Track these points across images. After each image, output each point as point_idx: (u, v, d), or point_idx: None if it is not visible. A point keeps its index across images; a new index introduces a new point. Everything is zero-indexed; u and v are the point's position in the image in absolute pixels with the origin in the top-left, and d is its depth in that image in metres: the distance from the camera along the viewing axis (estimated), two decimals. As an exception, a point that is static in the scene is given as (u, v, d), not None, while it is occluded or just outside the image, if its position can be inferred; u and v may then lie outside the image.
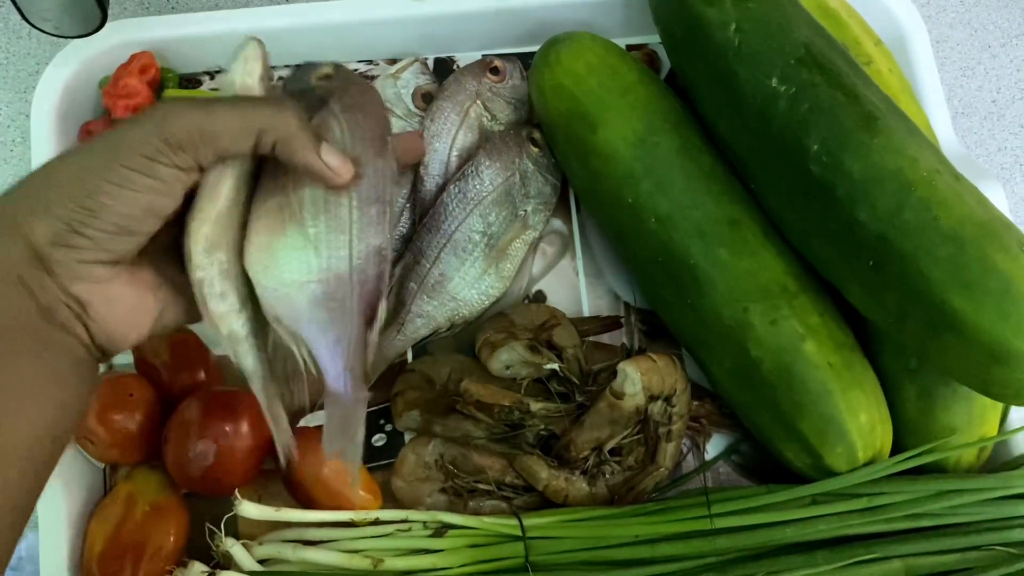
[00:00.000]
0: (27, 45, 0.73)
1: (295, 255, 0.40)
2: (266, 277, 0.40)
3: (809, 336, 0.52)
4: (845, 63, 0.53)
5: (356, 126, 0.42)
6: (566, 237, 0.65)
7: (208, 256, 0.39)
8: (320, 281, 0.41)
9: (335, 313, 0.41)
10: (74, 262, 0.36)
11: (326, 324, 0.41)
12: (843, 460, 0.52)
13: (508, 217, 0.61)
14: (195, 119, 0.37)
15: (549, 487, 0.56)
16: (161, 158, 0.36)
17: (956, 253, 0.47)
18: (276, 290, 0.40)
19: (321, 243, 0.40)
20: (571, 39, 0.60)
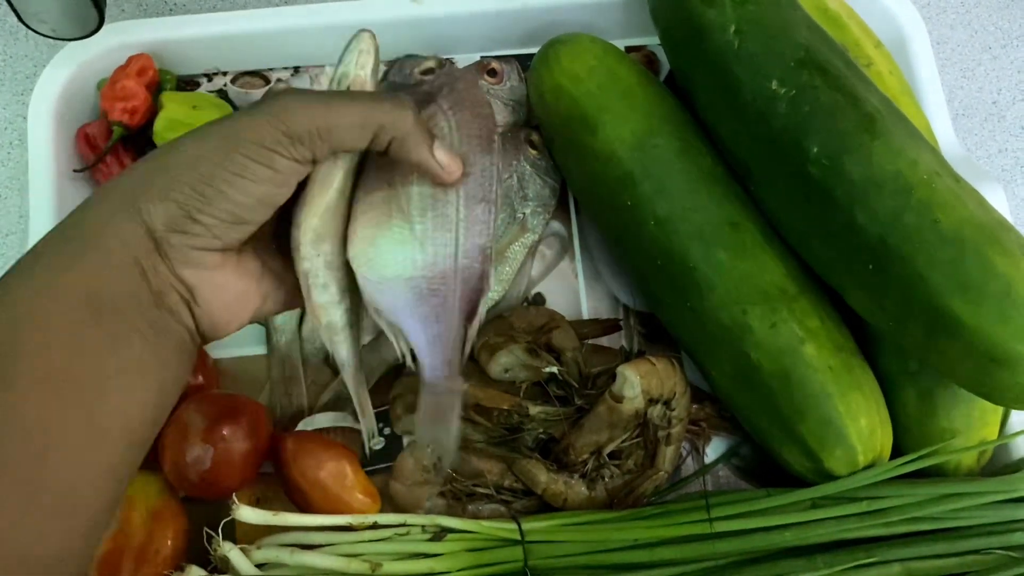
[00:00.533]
0: (24, 47, 0.73)
1: (400, 250, 0.41)
2: (370, 270, 0.41)
3: (809, 339, 0.52)
4: (845, 65, 0.53)
5: (464, 123, 0.42)
6: (565, 240, 0.65)
7: (315, 247, 0.40)
8: (424, 277, 0.41)
9: (437, 308, 0.41)
10: (187, 248, 0.37)
11: (428, 319, 0.41)
12: (843, 463, 0.52)
13: (506, 220, 0.61)
14: (316, 114, 0.37)
15: (548, 491, 0.56)
16: (280, 149, 0.37)
17: (956, 256, 0.47)
18: (379, 283, 0.41)
19: (427, 239, 0.41)
20: (570, 41, 0.60)
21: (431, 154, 0.40)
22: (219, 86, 0.68)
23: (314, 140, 0.37)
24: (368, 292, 0.41)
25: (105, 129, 0.62)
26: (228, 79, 0.68)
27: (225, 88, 0.67)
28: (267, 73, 0.68)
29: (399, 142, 0.39)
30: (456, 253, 0.41)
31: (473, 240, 0.41)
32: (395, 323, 0.42)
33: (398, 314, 0.41)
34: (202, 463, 0.53)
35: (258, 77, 0.68)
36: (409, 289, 0.41)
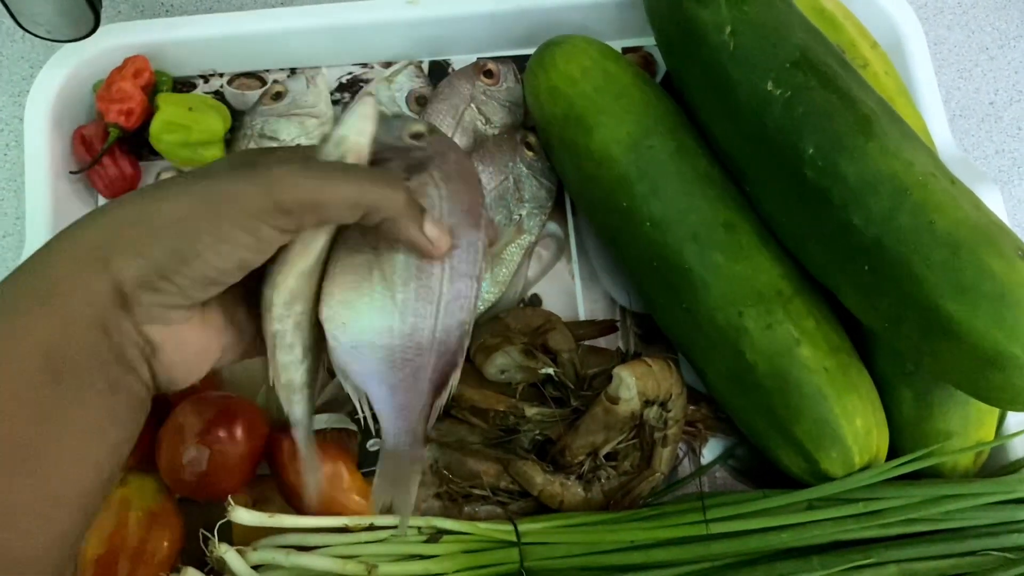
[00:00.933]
0: (20, 48, 0.73)
1: (378, 317, 0.40)
2: (344, 333, 0.40)
3: (804, 340, 0.52)
4: (840, 66, 0.53)
5: (454, 196, 0.41)
6: (561, 241, 0.65)
7: (287, 308, 0.39)
8: (399, 347, 0.40)
9: (408, 379, 0.41)
10: (155, 306, 0.36)
11: (397, 388, 0.41)
12: (839, 465, 0.52)
13: (503, 221, 0.61)
14: (309, 188, 0.36)
15: (544, 492, 0.55)
16: (268, 219, 0.35)
17: (951, 258, 0.47)
18: (351, 348, 0.40)
19: (408, 309, 0.40)
20: (566, 42, 0.60)
21: (421, 231, 0.39)
22: (215, 87, 0.67)
23: (303, 214, 0.36)
24: (338, 355, 0.40)
25: (101, 131, 0.62)
26: (224, 80, 0.68)
27: (221, 89, 0.67)
28: (263, 74, 0.68)
29: (391, 222, 0.38)
30: (435, 326, 0.41)
31: (454, 315, 0.41)
32: (361, 387, 0.41)
33: (367, 380, 0.41)
34: (198, 464, 0.53)
35: (254, 78, 0.68)
36: (382, 357, 0.40)
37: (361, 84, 0.68)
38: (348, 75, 0.68)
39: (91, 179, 0.63)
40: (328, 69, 0.68)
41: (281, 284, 0.39)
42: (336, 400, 0.59)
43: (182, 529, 0.55)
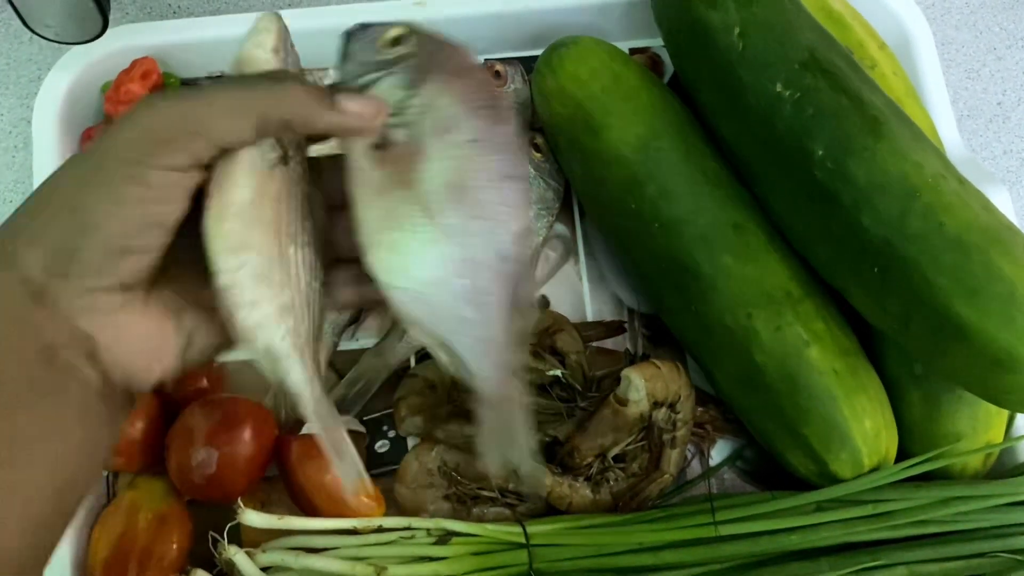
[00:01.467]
0: (29, 51, 0.73)
1: (432, 251, 0.35)
2: (400, 279, 0.36)
3: (813, 342, 0.52)
4: (849, 67, 0.53)
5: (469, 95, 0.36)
6: (569, 242, 0.65)
7: (234, 257, 0.34)
8: (463, 276, 0.36)
9: (482, 308, 0.36)
10: (75, 292, 0.32)
11: (473, 322, 0.36)
12: (848, 466, 0.52)
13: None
14: (180, 109, 0.32)
15: (552, 494, 0.55)
16: (148, 160, 0.31)
17: (961, 259, 0.46)
18: (413, 291, 0.36)
19: (458, 233, 0.35)
20: (574, 43, 0.60)
21: (336, 110, 0.33)
22: (223, 89, 0.67)
23: (186, 140, 0.32)
24: (402, 304, 0.36)
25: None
26: (232, 82, 0.67)
27: (229, 91, 0.67)
28: (271, 76, 0.68)
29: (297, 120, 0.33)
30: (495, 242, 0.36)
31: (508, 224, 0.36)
32: (437, 334, 0.37)
33: (440, 322, 0.36)
34: (207, 467, 0.53)
35: (262, 80, 0.68)
36: (448, 292, 0.36)
37: (368, 85, 0.68)
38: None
39: (99, 181, 0.63)
40: (335, 71, 0.68)
41: (212, 230, 0.34)
42: (344, 402, 0.59)
43: (191, 531, 0.55)
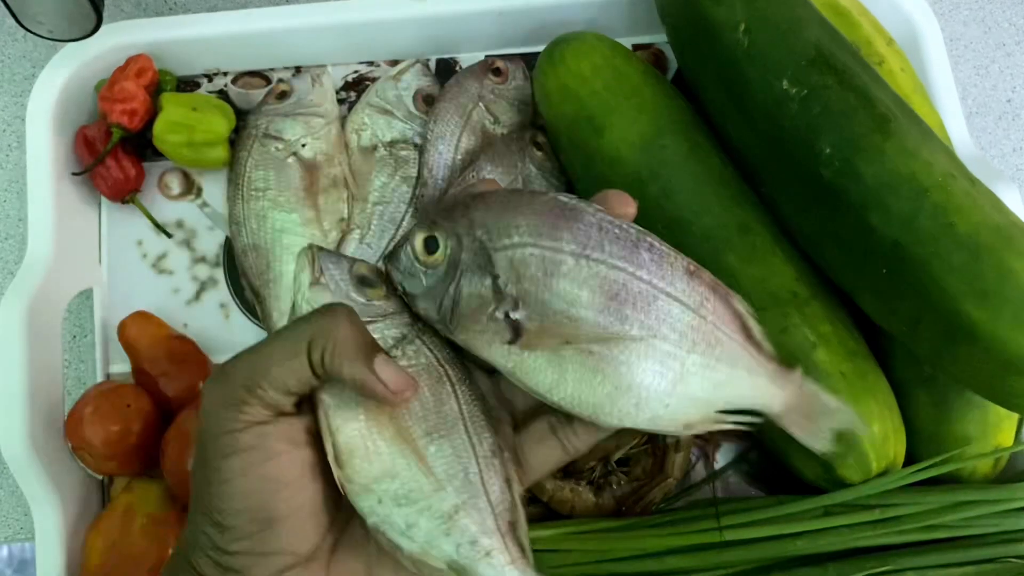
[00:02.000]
0: (22, 48, 0.72)
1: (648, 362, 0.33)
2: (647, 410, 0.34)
3: (820, 344, 0.51)
4: (857, 64, 0.52)
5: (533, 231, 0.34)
6: (571, 241, 0.64)
7: (370, 495, 0.33)
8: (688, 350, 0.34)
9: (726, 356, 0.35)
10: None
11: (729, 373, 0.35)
12: (855, 471, 0.51)
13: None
14: (242, 367, 0.32)
15: (555, 498, 0.55)
16: (229, 425, 0.32)
17: (972, 260, 0.46)
18: (668, 406, 0.34)
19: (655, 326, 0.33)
20: (576, 39, 0.59)
21: (369, 369, 0.32)
22: (220, 87, 0.67)
23: (253, 391, 0.32)
24: (667, 425, 0.34)
25: (104, 131, 0.62)
26: (229, 79, 0.67)
27: (226, 88, 0.66)
28: (268, 73, 0.67)
29: (331, 354, 0.32)
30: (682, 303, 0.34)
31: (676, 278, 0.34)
32: (711, 411, 0.35)
33: (708, 403, 0.35)
34: (203, 471, 0.52)
35: (259, 77, 0.67)
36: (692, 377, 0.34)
37: (367, 82, 0.67)
38: (354, 73, 0.67)
39: (94, 180, 0.63)
40: (334, 67, 0.67)
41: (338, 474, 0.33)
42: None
43: (187, 536, 0.54)
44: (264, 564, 0.32)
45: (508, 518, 0.34)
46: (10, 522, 0.63)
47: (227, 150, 0.63)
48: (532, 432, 0.36)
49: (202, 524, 0.32)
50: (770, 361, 0.36)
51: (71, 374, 0.64)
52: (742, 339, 0.35)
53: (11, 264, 0.67)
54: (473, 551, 0.33)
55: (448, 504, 0.33)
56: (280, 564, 0.32)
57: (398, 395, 0.32)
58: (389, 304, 0.36)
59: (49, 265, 0.58)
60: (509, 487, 0.34)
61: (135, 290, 0.63)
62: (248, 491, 0.31)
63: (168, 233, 0.64)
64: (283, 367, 0.32)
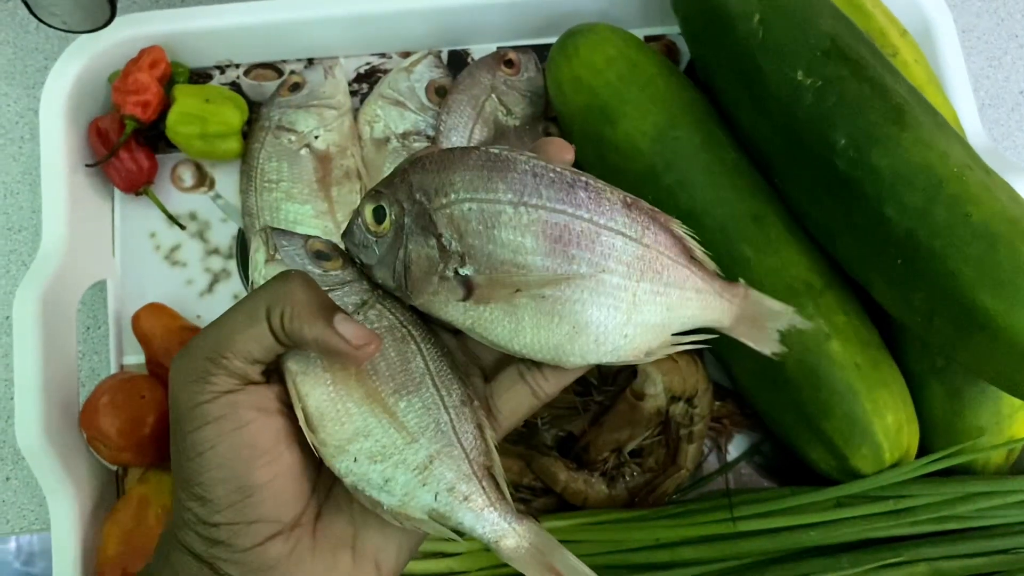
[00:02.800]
0: (35, 40, 0.72)
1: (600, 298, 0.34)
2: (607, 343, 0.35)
3: (834, 335, 0.51)
4: (872, 55, 0.52)
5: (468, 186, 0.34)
6: (583, 233, 0.64)
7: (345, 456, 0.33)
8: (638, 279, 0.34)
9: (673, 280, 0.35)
10: (238, 555, 0.32)
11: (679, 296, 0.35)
12: (869, 462, 0.51)
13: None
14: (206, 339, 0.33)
15: (568, 489, 0.55)
16: (198, 398, 0.32)
17: (987, 251, 0.45)
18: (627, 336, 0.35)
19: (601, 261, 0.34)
20: (589, 30, 0.59)
21: (329, 328, 0.32)
22: (232, 78, 0.67)
23: (217, 362, 0.32)
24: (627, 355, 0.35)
25: (117, 123, 0.62)
26: (241, 71, 0.67)
27: (238, 80, 0.66)
28: (280, 65, 0.67)
29: (290, 319, 0.32)
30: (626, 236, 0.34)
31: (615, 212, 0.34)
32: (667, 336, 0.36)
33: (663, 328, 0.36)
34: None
35: (271, 69, 0.67)
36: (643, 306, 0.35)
37: (380, 74, 0.67)
38: (366, 65, 0.67)
39: (107, 172, 0.63)
40: (346, 59, 0.67)
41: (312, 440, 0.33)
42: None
43: (202, 526, 0.55)
44: (247, 533, 0.32)
45: (483, 462, 0.35)
46: (25, 513, 0.63)
47: (240, 142, 0.63)
48: (502, 381, 0.37)
49: (185, 500, 0.32)
50: (714, 278, 0.37)
51: (85, 365, 0.65)
52: (686, 261, 0.36)
53: (25, 256, 0.67)
54: (451, 497, 0.34)
55: (422, 455, 0.34)
56: (265, 532, 0.32)
57: (361, 350, 0.32)
58: (347, 273, 0.37)
59: (63, 257, 0.58)
60: (482, 433, 0.35)
61: (148, 282, 0.63)
62: (223, 460, 0.32)
63: (181, 225, 0.64)
64: (244, 335, 0.32)
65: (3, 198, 0.69)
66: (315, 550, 0.33)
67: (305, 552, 0.33)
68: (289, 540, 0.33)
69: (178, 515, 0.33)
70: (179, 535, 0.33)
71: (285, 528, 0.33)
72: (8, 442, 0.64)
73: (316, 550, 0.33)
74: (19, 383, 0.54)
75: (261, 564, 0.32)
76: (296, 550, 0.33)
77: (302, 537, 0.33)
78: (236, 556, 0.32)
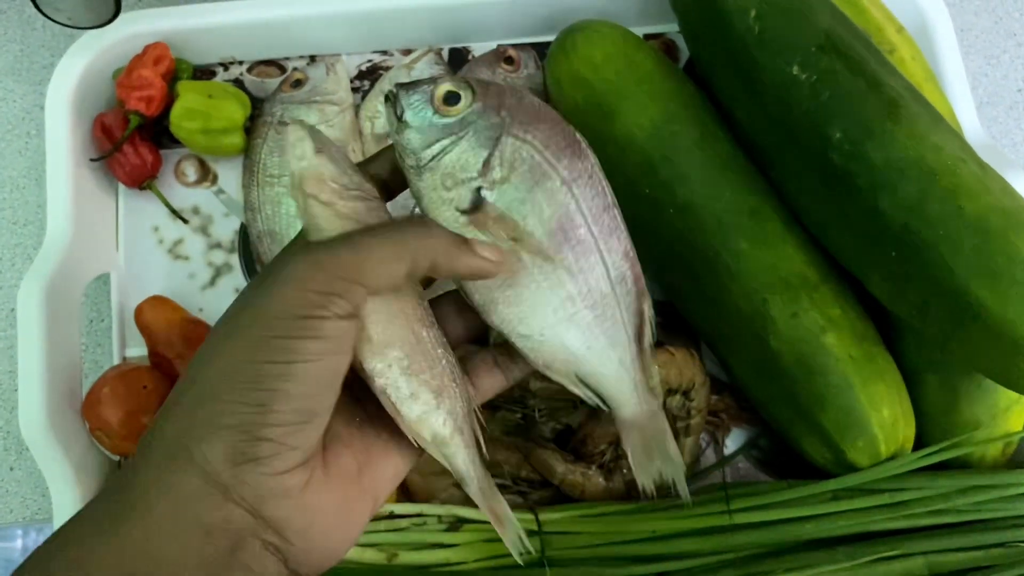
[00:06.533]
0: (41, 37, 0.73)
1: (552, 293, 0.37)
2: (528, 327, 0.37)
3: (830, 328, 0.52)
4: (867, 50, 0.52)
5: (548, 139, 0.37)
6: (582, 229, 0.65)
7: (382, 358, 0.35)
8: (587, 307, 0.37)
9: (609, 333, 0.38)
10: (263, 477, 0.30)
11: (604, 348, 0.38)
12: (865, 455, 0.52)
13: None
14: (344, 261, 0.32)
15: (565, 481, 0.55)
16: (319, 312, 0.31)
17: (981, 243, 0.46)
18: (543, 335, 0.37)
19: (575, 270, 0.37)
20: (588, 28, 0.59)
21: (478, 256, 0.35)
22: (235, 75, 0.67)
23: (349, 289, 0.31)
24: (534, 351, 0.38)
25: (122, 118, 0.62)
26: (244, 68, 0.67)
27: (241, 77, 0.67)
28: (283, 62, 0.68)
29: (443, 262, 0.34)
30: (607, 269, 0.37)
31: (615, 248, 0.38)
32: (572, 371, 0.38)
33: (574, 358, 0.38)
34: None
35: (274, 66, 0.68)
36: (576, 326, 0.38)
37: (381, 71, 0.67)
38: (368, 62, 0.68)
39: (111, 167, 0.63)
40: (348, 56, 0.68)
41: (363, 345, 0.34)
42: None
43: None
44: (285, 457, 0.31)
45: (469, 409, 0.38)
46: (28, 503, 0.63)
47: (243, 137, 0.63)
48: (478, 364, 0.39)
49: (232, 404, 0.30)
50: (643, 372, 0.39)
51: (89, 358, 0.65)
52: (632, 333, 0.39)
53: (30, 249, 0.68)
54: (453, 426, 0.36)
55: (438, 382, 0.36)
56: (296, 460, 0.31)
57: (503, 264, 0.35)
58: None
59: (67, 250, 0.59)
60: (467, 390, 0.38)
61: (151, 275, 0.64)
62: (313, 378, 0.31)
63: (184, 219, 0.65)
64: (387, 270, 0.32)
65: (9, 193, 0.69)
66: (327, 483, 0.33)
67: (319, 483, 0.33)
68: (306, 470, 0.32)
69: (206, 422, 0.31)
70: (195, 449, 0.30)
71: (307, 458, 0.32)
72: (12, 432, 0.65)
73: (328, 482, 0.33)
74: (23, 374, 0.55)
75: (282, 491, 0.31)
76: (311, 481, 0.32)
77: (315, 468, 0.33)
78: (263, 480, 0.31)
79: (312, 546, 0.33)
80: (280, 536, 0.32)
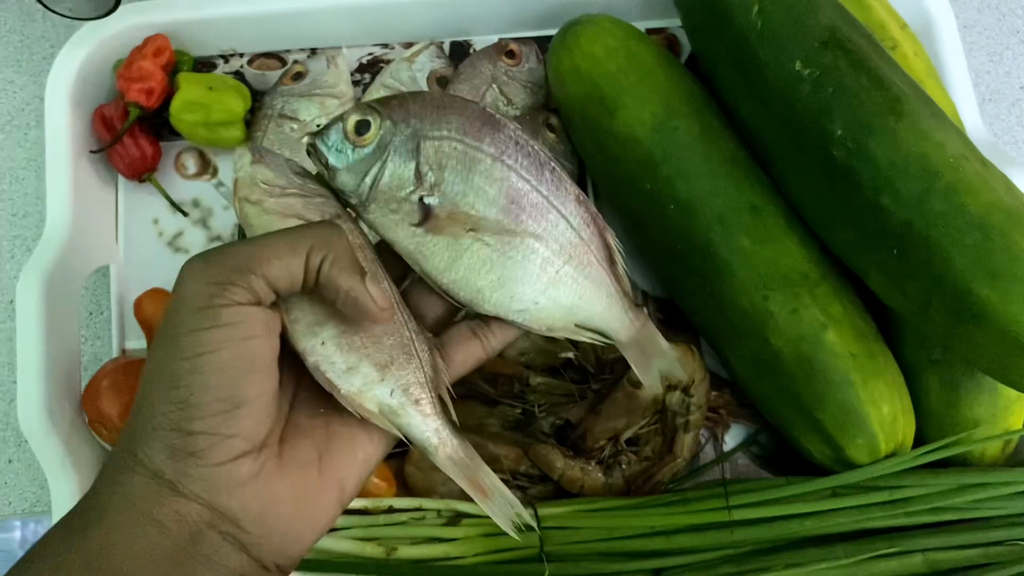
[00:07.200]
0: (41, 28, 0.73)
1: (529, 262, 0.39)
2: (521, 301, 0.39)
3: (831, 325, 0.51)
4: (870, 46, 0.52)
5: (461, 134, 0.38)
6: (583, 224, 0.65)
7: (312, 335, 0.36)
8: (564, 262, 0.40)
9: (592, 276, 0.41)
10: (205, 469, 0.31)
11: (593, 290, 0.41)
12: (864, 452, 0.51)
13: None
14: (237, 252, 0.33)
15: (565, 477, 0.55)
16: (217, 300, 0.32)
17: (982, 241, 0.46)
18: (537, 303, 0.39)
19: (541, 233, 0.39)
20: (590, 21, 0.59)
21: (363, 284, 0.34)
22: (235, 67, 0.67)
23: (244, 278, 0.32)
24: (533, 320, 0.40)
25: (122, 110, 0.62)
26: (245, 60, 0.67)
27: (242, 69, 0.67)
28: (284, 54, 0.68)
29: (329, 262, 0.34)
30: (568, 221, 0.39)
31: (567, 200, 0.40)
32: (572, 324, 0.41)
33: (571, 312, 0.40)
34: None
35: (274, 59, 0.67)
36: (564, 283, 0.40)
37: (382, 64, 0.67)
38: (369, 55, 0.68)
39: (111, 158, 0.63)
40: (349, 49, 0.68)
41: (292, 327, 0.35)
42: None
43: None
44: (224, 447, 0.32)
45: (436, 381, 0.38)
46: (27, 495, 0.63)
47: (243, 130, 0.63)
48: (453, 335, 0.40)
49: (160, 405, 0.31)
50: (625, 294, 0.42)
51: (88, 350, 0.65)
52: (608, 268, 0.41)
53: (30, 241, 0.68)
54: (404, 397, 0.37)
55: (385, 356, 0.37)
56: (239, 448, 0.32)
57: (384, 312, 0.35)
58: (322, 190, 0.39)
59: (66, 241, 0.59)
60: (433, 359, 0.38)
61: (151, 267, 0.64)
62: (223, 366, 0.32)
63: (184, 212, 0.65)
64: (281, 261, 0.33)
65: (9, 184, 0.69)
66: (282, 470, 0.34)
67: (272, 472, 0.33)
68: (258, 460, 0.33)
69: (143, 424, 0.32)
70: (138, 448, 0.32)
71: (255, 447, 0.33)
72: (11, 425, 0.64)
73: (283, 470, 0.34)
74: (22, 366, 0.55)
75: (230, 481, 0.32)
76: (264, 470, 0.33)
77: (269, 458, 0.33)
78: (206, 472, 0.31)
79: (271, 534, 0.33)
80: (236, 526, 0.32)
